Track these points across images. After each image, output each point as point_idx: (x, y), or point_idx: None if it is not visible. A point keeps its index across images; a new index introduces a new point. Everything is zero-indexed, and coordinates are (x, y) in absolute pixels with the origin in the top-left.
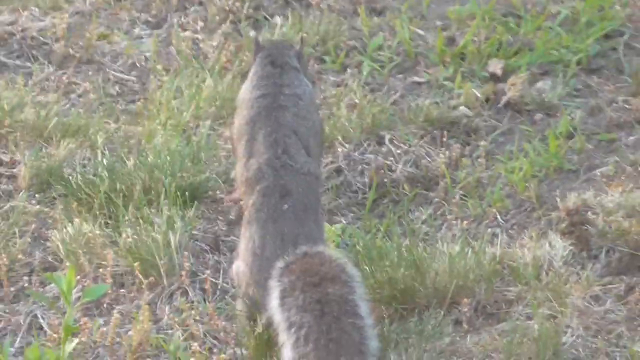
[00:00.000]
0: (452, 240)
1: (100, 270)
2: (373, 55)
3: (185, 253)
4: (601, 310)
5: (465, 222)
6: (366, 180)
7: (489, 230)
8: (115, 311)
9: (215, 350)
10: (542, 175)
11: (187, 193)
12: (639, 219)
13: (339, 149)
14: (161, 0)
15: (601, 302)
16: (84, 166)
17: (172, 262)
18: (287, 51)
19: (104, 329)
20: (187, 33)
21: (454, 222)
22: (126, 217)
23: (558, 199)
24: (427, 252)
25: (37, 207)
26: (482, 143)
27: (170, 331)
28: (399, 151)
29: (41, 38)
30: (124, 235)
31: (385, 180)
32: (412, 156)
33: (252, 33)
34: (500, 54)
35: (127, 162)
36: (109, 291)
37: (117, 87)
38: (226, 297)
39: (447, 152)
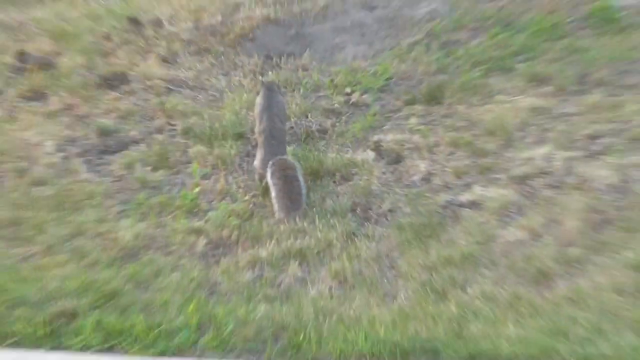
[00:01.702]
0: (332, 152)
1: None
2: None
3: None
4: None
5: (336, 146)
6: (302, 130)
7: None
8: None
9: (248, 192)
10: None
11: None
12: None
13: (292, 119)
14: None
15: None
16: None
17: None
18: (274, 85)
19: None
20: (238, 79)
21: (336, 146)
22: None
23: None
24: (323, 156)
25: None
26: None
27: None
28: (314, 120)
29: None
30: None
31: (309, 131)
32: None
33: (260, 78)
34: None
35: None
36: None
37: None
38: (251, 172)
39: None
